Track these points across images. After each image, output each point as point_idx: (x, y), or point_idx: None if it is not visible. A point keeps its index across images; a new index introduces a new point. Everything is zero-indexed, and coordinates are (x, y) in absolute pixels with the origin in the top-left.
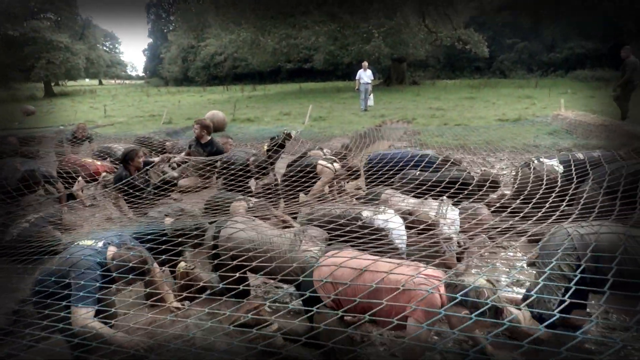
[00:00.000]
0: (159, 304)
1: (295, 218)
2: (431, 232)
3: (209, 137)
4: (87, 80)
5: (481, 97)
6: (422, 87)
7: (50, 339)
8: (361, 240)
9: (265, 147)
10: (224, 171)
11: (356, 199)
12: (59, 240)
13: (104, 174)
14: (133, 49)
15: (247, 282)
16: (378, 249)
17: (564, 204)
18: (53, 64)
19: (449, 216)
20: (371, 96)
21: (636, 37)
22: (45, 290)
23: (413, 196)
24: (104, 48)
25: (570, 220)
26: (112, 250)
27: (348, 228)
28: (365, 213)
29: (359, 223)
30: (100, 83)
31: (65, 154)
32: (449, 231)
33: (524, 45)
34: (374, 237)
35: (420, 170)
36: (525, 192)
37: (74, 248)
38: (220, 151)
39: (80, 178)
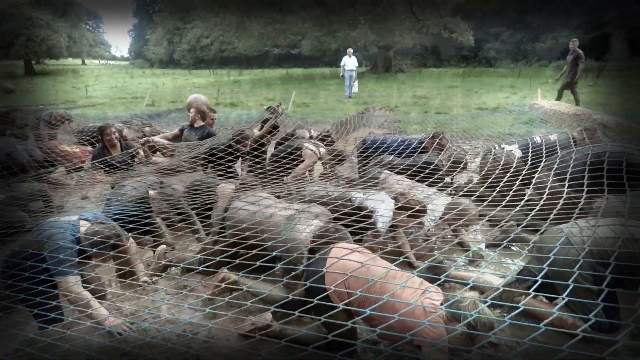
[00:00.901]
0: (123, 280)
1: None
2: (418, 216)
3: (202, 122)
4: (69, 59)
5: (465, 86)
6: (408, 75)
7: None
8: (348, 221)
9: (256, 130)
10: (210, 156)
11: (345, 182)
12: (25, 219)
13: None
14: (118, 29)
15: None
16: (361, 230)
17: (515, 185)
18: (33, 41)
19: (434, 203)
20: (355, 83)
21: (619, 27)
22: (13, 262)
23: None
24: (87, 27)
25: (523, 204)
26: (84, 224)
27: (336, 207)
28: (355, 194)
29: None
30: (83, 63)
31: (43, 138)
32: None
33: (510, 34)
34: (359, 217)
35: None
36: (481, 175)
37: (46, 223)
38: (212, 135)
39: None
